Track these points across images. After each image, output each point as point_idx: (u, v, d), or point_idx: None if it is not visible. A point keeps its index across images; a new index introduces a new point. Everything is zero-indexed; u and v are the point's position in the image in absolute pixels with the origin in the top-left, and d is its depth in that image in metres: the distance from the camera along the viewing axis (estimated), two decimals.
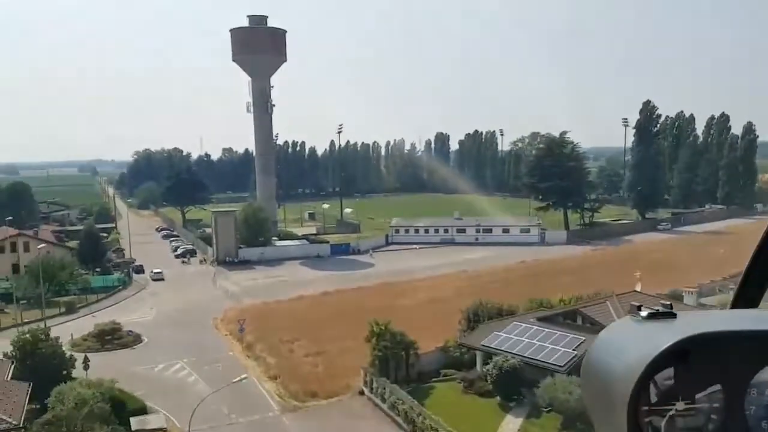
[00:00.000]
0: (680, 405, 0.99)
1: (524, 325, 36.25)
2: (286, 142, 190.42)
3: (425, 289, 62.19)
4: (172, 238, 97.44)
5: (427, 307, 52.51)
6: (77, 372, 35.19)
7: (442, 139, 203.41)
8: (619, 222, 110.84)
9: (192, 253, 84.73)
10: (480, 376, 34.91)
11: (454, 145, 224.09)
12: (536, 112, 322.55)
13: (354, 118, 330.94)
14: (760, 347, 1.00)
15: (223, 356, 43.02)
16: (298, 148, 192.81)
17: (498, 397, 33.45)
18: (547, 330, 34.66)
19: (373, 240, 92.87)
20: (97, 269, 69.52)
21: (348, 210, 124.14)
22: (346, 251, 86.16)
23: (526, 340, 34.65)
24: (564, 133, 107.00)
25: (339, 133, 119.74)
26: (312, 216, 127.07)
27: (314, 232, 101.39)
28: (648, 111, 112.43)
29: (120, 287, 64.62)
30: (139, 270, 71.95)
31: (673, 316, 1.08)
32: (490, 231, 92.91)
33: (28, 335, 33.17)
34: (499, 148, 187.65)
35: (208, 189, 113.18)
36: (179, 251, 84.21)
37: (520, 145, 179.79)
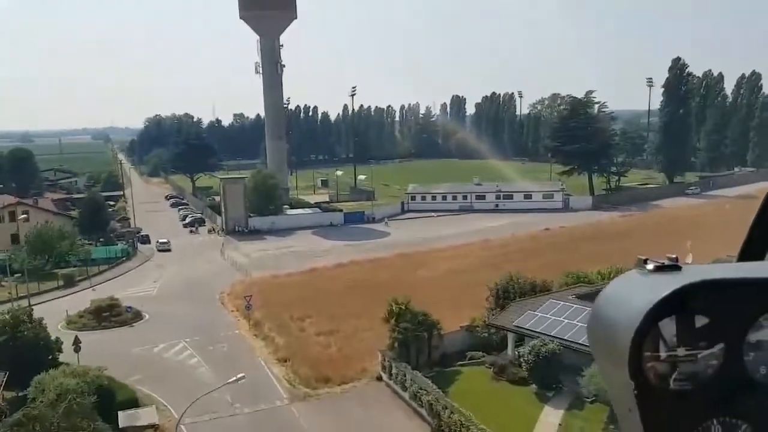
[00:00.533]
0: (682, 351, 1.00)
1: (562, 303, 31.93)
2: (298, 106, 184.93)
3: (445, 259, 58.04)
4: (180, 207, 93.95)
5: (448, 279, 48.45)
6: (67, 355, 31.73)
7: (458, 102, 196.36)
8: (646, 186, 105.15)
9: (201, 222, 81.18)
10: (512, 361, 30.86)
11: (470, 109, 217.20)
12: (555, 74, 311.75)
13: (368, 81, 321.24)
14: (759, 294, 1.01)
15: (229, 335, 39.45)
16: (310, 113, 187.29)
17: (534, 386, 29.43)
18: (588, 309, 30.27)
19: (389, 208, 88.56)
20: (101, 239, 66.21)
21: (362, 177, 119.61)
22: (360, 220, 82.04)
23: (566, 320, 30.36)
24: (590, 92, 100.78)
25: (352, 96, 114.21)
26: (325, 183, 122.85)
27: (327, 200, 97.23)
28: (678, 69, 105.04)
29: (123, 258, 61.28)
30: (145, 240, 68.56)
31: (679, 268, 1.08)
32: (511, 197, 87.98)
33: (8, 316, 29.57)
34: (518, 111, 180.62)
35: (218, 155, 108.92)
36: (187, 220, 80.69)
37: (539, 107, 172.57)
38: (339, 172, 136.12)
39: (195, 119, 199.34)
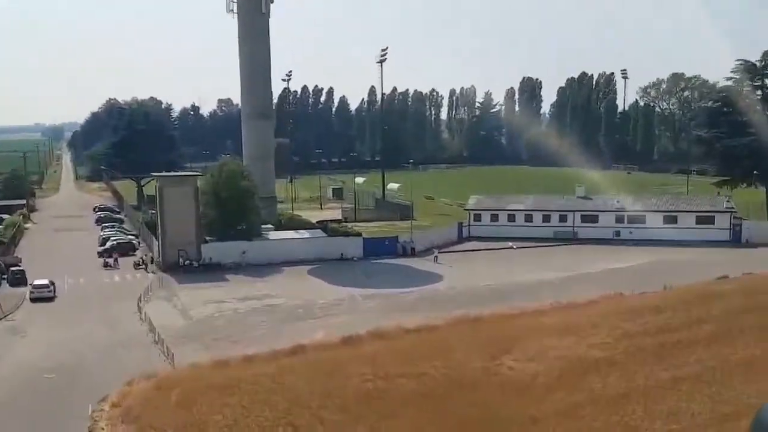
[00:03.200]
0: None
1: None
2: (305, 87, 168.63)
3: (551, 333, 38.75)
4: (109, 224, 76.41)
5: (570, 381, 29.52)
6: None
7: (530, 86, 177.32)
8: None
9: (129, 248, 63.22)
10: None
11: (548, 96, 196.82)
12: (666, 49, 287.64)
13: (403, 55, 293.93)
14: None
15: None
16: (322, 98, 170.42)
17: None
18: None
19: (437, 232, 69.49)
20: None
21: (393, 185, 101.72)
22: (390, 251, 63.12)
23: None
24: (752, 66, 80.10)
25: (381, 61, 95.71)
26: (338, 194, 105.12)
27: (339, 217, 78.55)
28: None
29: None
30: (19, 279, 50.81)
31: None
32: (641, 220, 67.87)
33: None
34: (620, 99, 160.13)
35: (182, 149, 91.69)
36: (107, 246, 62.75)
37: (652, 93, 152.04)
38: (360, 179, 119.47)
39: (164, 105, 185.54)
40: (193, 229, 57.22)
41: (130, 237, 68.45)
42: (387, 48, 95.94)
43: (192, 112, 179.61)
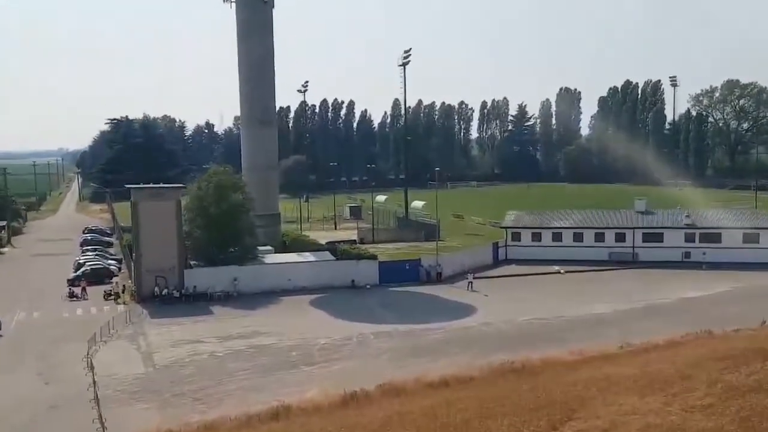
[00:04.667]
0: None
1: None
2: (324, 100, 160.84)
3: (628, 391, 29.46)
4: (91, 247, 68.35)
5: None
6: None
7: (569, 97, 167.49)
8: None
9: (104, 275, 54.87)
10: None
11: (589, 108, 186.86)
12: (721, 54, 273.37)
13: (430, 65, 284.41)
14: None
15: None
16: (343, 111, 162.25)
17: None
18: None
19: (468, 254, 60.11)
20: None
21: (418, 203, 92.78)
22: (412, 276, 53.95)
23: None
24: None
25: (404, 64, 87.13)
26: (356, 213, 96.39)
27: (353, 238, 69.57)
28: None
29: None
30: None
31: None
32: (716, 239, 57.77)
33: None
34: (669, 109, 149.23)
35: (182, 165, 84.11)
36: (81, 271, 54.43)
37: (705, 101, 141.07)
38: (381, 197, 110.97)
39: (178, 123, 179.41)
40: (174, 251, 48.59)
41: (110, 262, 60.16)
42: (410, 50, 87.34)
43: (206, 130, 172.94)
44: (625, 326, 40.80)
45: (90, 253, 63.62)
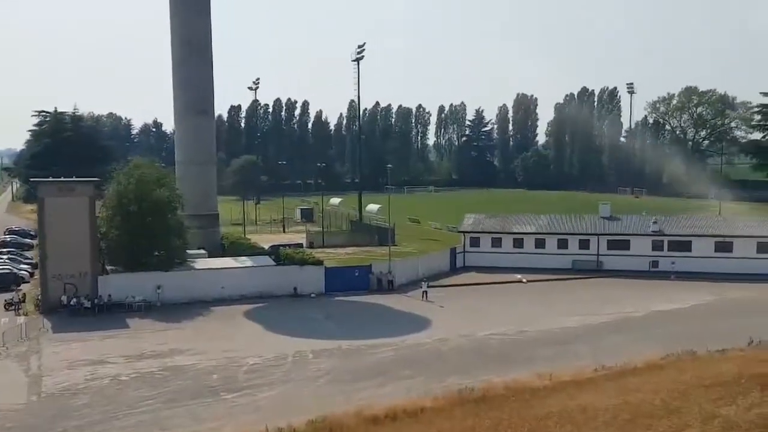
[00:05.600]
0: None
1: None
2: (278, 100, 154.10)
3: (611, 423, 24.41)
4: (5, 250, 60.97)
5: None
6: None
7: (525, 104, 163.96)
8: None
9: (10, 281, 47.85)
10: None
11: (545, 114, 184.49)
12: (678, 62, 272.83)
13: (387, 67, 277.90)
14: None
15: None
16: (296, 111, 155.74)
17: None
18: None
19: (424, 260, 54.72)
20: None
21: (373, 206, 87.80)
22: (361, 284, 48.34)
23: None
24: None
25: (358, 59, 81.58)
26: (307, 214, 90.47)
27: (302, 242, 63.70)
28: None
29: None
30: None
31: None
32: (686, 246, 53.50)
33: None
34: (625, 116, 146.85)
35: (118, 160, 76.83)
36: None
37: (662, 108, 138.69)
38: (336, 200, 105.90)
39: (124, 120, 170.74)
40: (86, 255, 41.97)
41: (22, 267, 53.04)
42: (364, 44, 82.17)
43: (154, 129, 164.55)
44: (595, 343, 35.82)
45: (4, 256, 56.30)
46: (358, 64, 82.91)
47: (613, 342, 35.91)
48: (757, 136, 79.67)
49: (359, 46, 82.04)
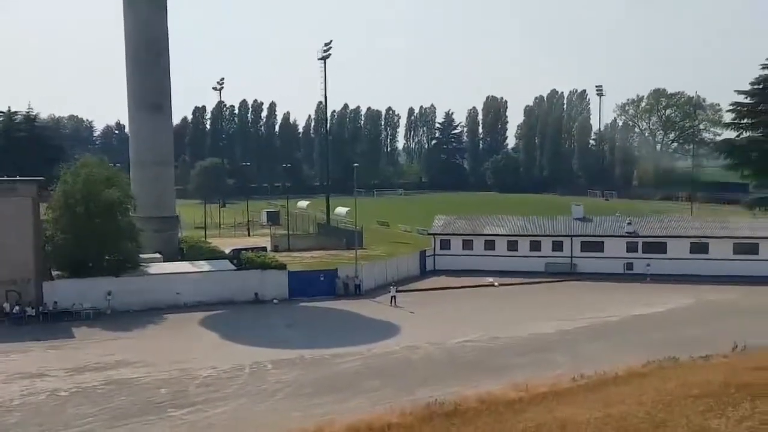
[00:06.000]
0: None
1: None
2: (244, 101, 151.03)
3: None
4: None
5: None
6: None
7: (495, 106, 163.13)
8: None
9: None
10: None
11: (515, 117, 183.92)
12: (647, 65, 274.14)
13: (357, 68, 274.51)
14: None
15: None
16: (263, 113, 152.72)
17: None
18: None
19: (393, 263, 52.61)
20: None
21: (342, 209, 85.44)
22: (327, 290, 45.96)
23: None
24: None
25: (324, 58, 79.26)
26: (273, 217, 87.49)
27: (264, 245, 61.16)
28: None
29: None
30: None
31: None
32: (661, 248, 52.14)
33: None
34: (596, 118, 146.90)
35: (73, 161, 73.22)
36: None
37: (631, 111, 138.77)
38: (304, 203, 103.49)
39: (86, 123, 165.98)
40: (30, 259, 38.99)
41: None
42: (331, 42, 79.83)
43: (117, 131, 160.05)
44: (572, 350, 33.94)
45: None
46: (325, 62, 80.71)
47: (591, 349, 34.06)
48: (731, 135, 79.72)
49: (326, 44, 79.83)
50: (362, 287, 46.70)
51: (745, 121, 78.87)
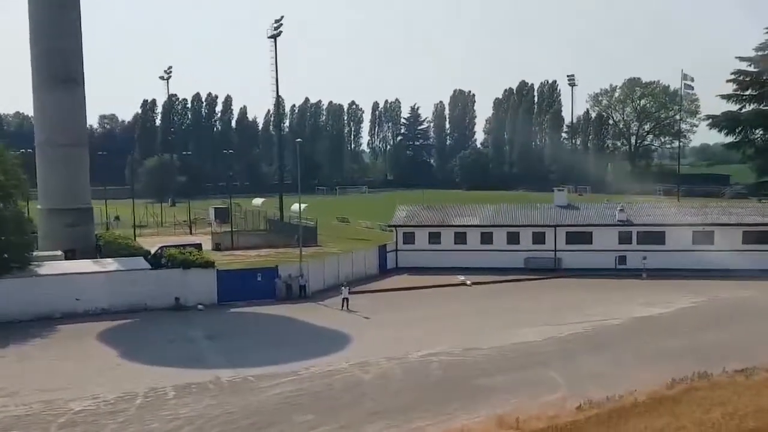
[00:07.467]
0: None
1: None
2: (197, 94, 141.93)
3: None
4: None
5: None
6: None
7: (462, 100, 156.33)
8: None
9: None
10: None
11: (483, 110, 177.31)
12: (614, 52, 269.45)
13: (321, 61, 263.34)
14: None
15: None
16: (218, 108, 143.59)
17: None
18: None
19: (347, 260, 44.70)
20: None
21: (298, 206, 77.24)
22: (266, 292, 37.96)
23: None
24: None
25: (275, 36, 70.98)
26: (222, 215, 79.70)
27: (197, 242, 52.75)
28: None
29: None
30: None
31: None
32: (659, 239, 45.09)
33: None
34: (567, 110, 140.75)
35: None
36: None
37: (604, 101, 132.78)
38: (259, 200, 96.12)
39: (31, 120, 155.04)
40: None
41: None
42: (282, 19, 71.57)
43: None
44: (569, 364, 26.43)
45: None
46: (275, 41, 72.53)
47: (592, 362, 26.62)
48: (732, 107, 72.53)
49: (276, 21, 71.56)
50: (308, 288, 38.81)
51: (749, 92, 72.26)
